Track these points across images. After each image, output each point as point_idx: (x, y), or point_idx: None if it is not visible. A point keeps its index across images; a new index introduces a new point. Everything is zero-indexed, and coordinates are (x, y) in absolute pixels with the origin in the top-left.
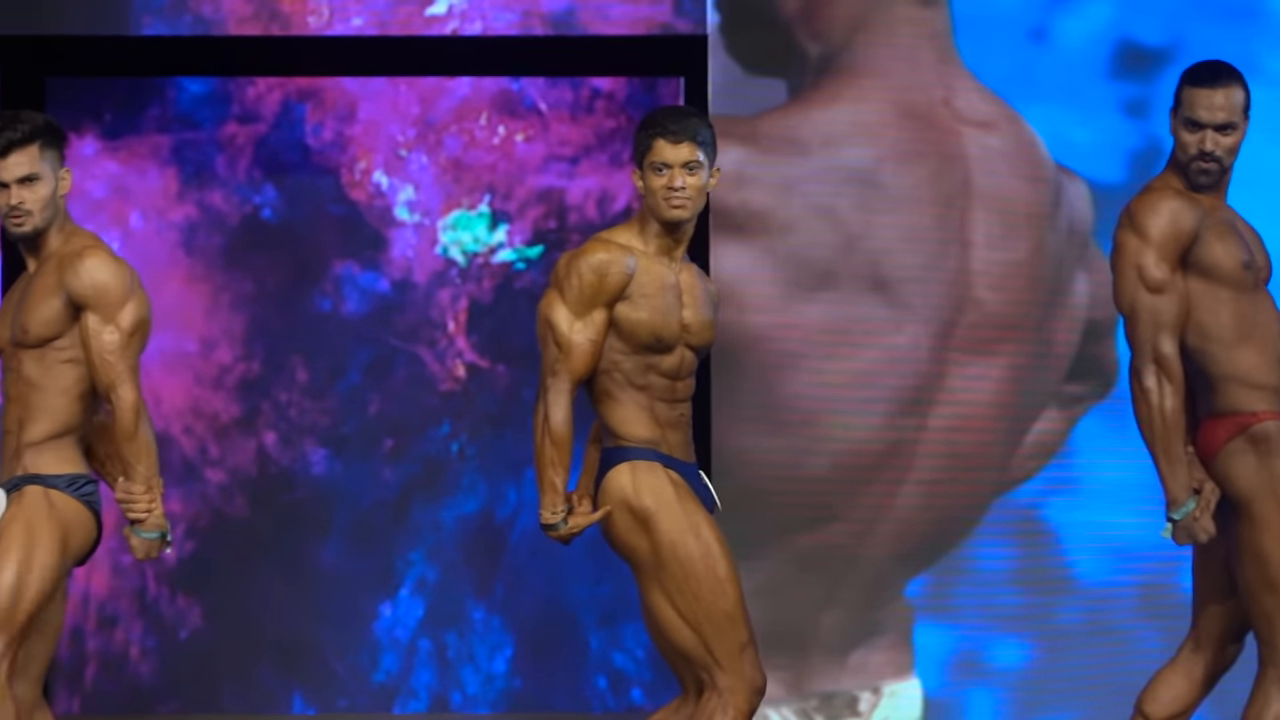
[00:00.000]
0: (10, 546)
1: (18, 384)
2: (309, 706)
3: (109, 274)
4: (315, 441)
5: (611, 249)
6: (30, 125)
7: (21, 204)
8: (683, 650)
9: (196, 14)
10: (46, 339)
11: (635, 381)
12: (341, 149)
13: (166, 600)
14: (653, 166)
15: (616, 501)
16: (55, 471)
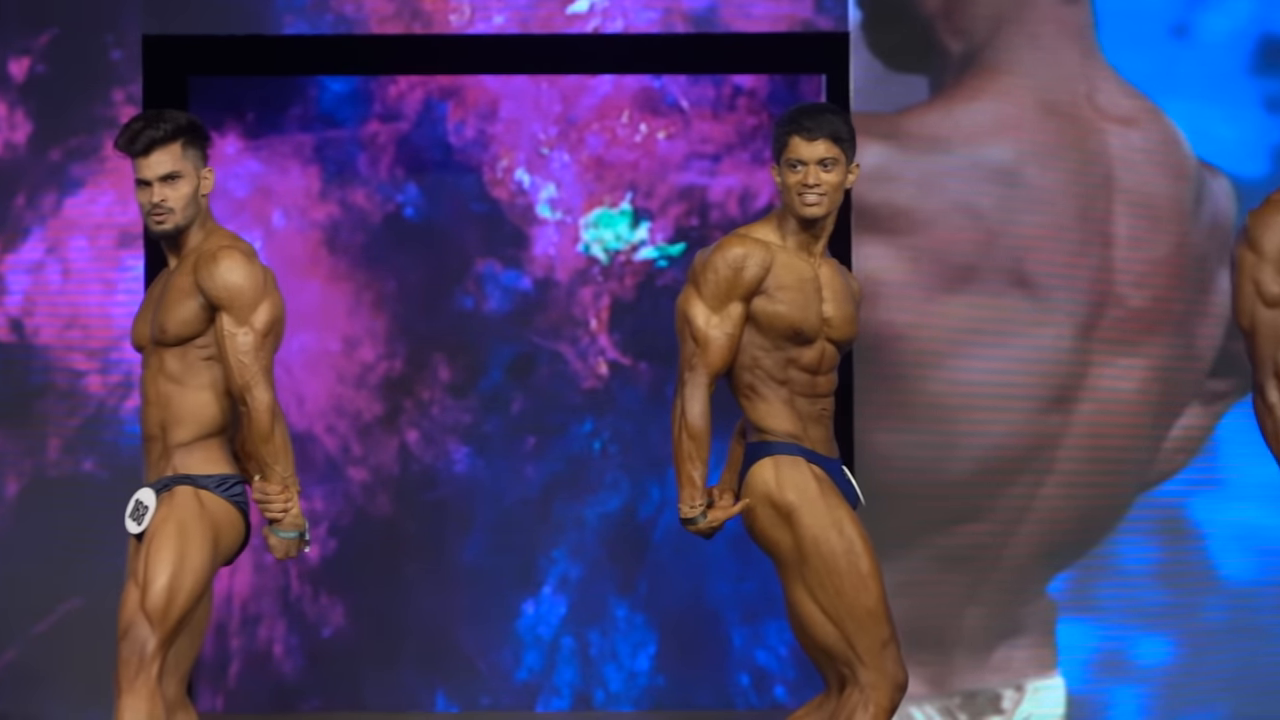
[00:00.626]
0: (164, 547)
1: (158, 383)
2: (451, 704)
3: (242, 275)
4: (457, 440)
5: (747, 243)
6: (173, 124)
7: (164, 202)
8: (824, 646)
9: (338, 13)
10: (185, 338)
11: (776, 376)
12: (483, 147)
13: (309, 599)
14: (788, 163)
15: (759, 496)
16: (205, 472)
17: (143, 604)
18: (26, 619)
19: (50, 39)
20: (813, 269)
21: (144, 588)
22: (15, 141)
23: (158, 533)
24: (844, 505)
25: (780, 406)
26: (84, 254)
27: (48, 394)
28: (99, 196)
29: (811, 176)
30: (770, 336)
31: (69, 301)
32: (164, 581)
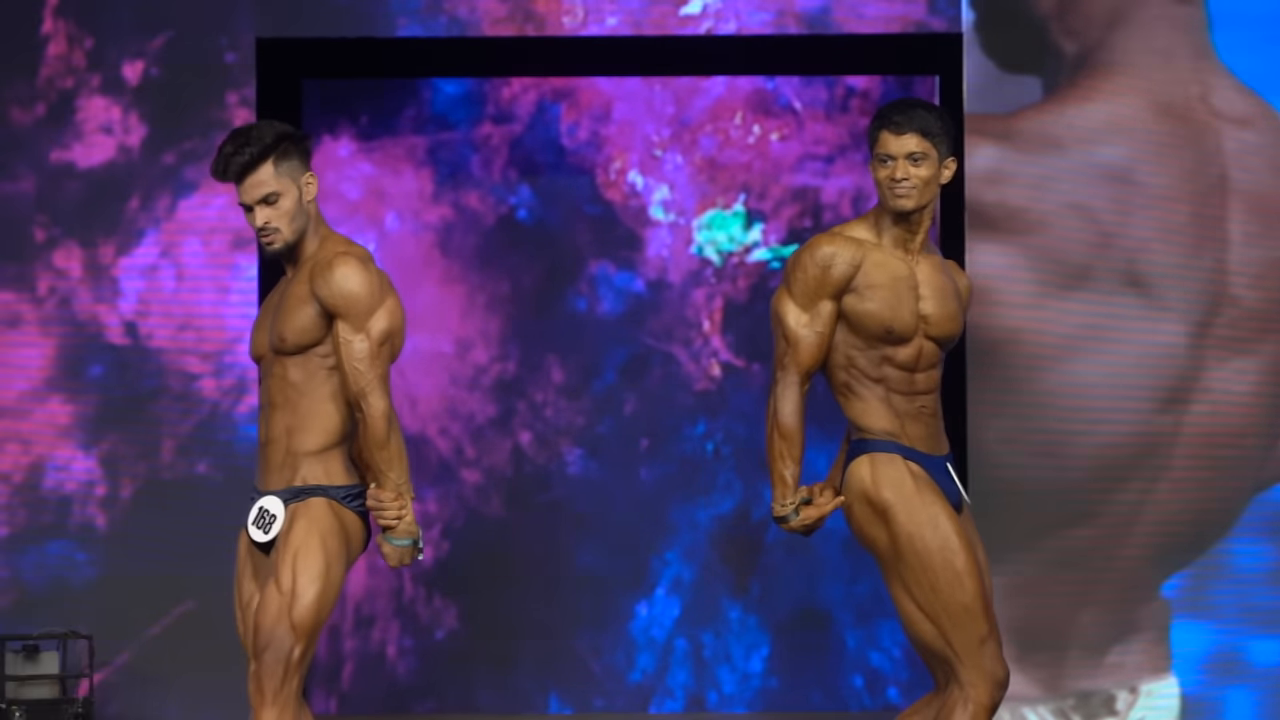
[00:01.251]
0: (311, 559)
1: (282, 390)
2: (565, 706)
3: (358, 283)
4: (571, 441)
5: (837, 241)
6: (259, 145)
7: (268, 223)
8: (924, 643)
9: (452, 15)
10: (304, 346)
11: (871, 374)
12: (596, 149)
13: (423, 600)
14: (878, 158)
15: (856, 493)
16: (334, 483)
17: (290, 615)
18: (140, 621)
19: (165, 42)
20: (908, 266)
21: (292, 599)
22: (129, 145)
23: (303, 544)
24: (940, 502)
25: (877, 404)
26: (197, 257)
27: (161, 396)
28: (212, 199)
29: (900, 171)
30: (863, 335)
31: (182, 304)
32: (314, 595)
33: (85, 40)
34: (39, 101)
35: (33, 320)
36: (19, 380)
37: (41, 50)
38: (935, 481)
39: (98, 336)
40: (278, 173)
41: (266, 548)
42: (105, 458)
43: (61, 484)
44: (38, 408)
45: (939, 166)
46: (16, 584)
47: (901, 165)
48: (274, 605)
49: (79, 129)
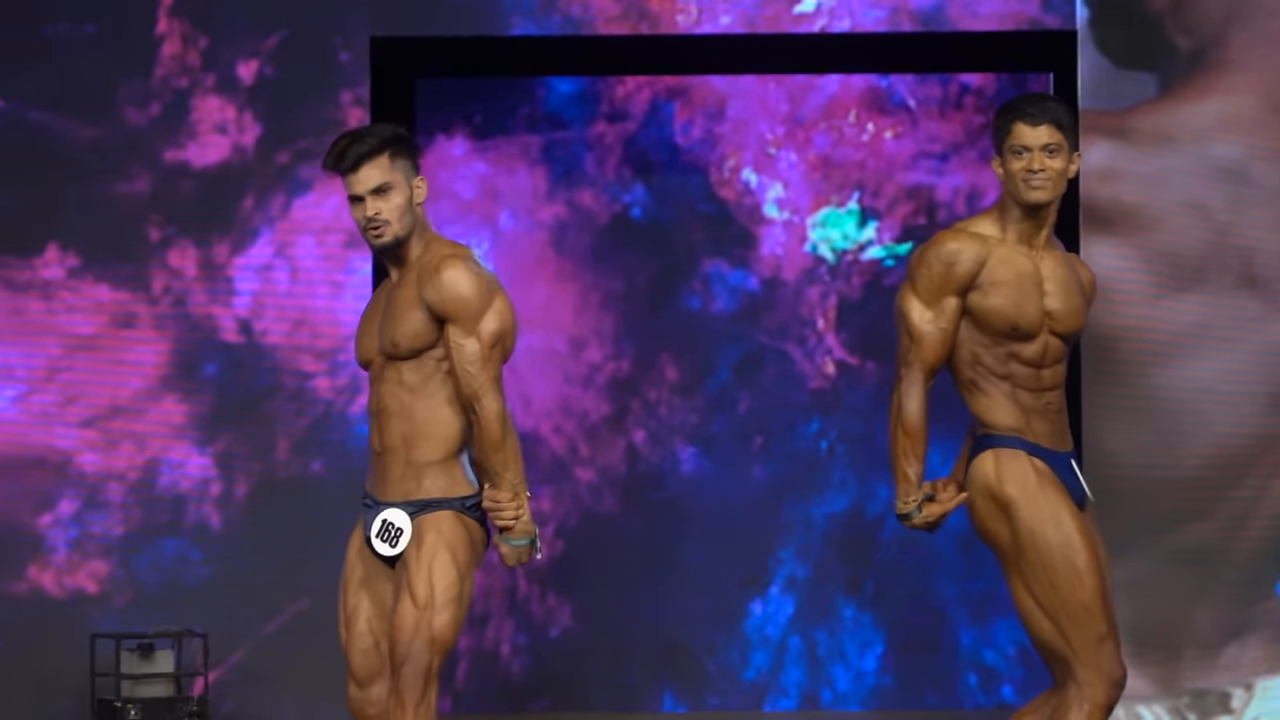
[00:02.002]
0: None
1: (397, 395)
2: (679, 704)
3: (467, 285)
4: (684, 439)
5: (961, 237)
6: (378, 137)
7: (378, 215)
8: (1042, 641)
9: (565, 14)
10: (418, 350)
11: (997, 371)
12: (710, 147)
13: (537, 599)
14: (1012, 150)
15: (979, 489)
16: (457, 494)
17: (431, 629)
18: (255, 620)
19: (279, 41)
20: (1033, 262)
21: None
22: (244, 144)
23: (436, 558)
24: (1064, 499)
25: (1003, 401)
26: (312, 255)
27: (276, 395)
28: (327, 198)
29: (1036, 162)
30: (988, 332)
31: (297, 303)
32: (452, 611)
33: (200, 40)
34: (154, 101)
35: (148, 319)
36: (134, 379)
37: (156, 50)
38: (1059, 478)
39: (212, 335)
40: (393, 167)
41: (390, 560)
42: (220, 456)
43: (176, 483)
44: (153, 407)
45: (1069, 160)
46: (132, 583)
47: (1037, 157)
48: (411, 619)
49: (193, 128)
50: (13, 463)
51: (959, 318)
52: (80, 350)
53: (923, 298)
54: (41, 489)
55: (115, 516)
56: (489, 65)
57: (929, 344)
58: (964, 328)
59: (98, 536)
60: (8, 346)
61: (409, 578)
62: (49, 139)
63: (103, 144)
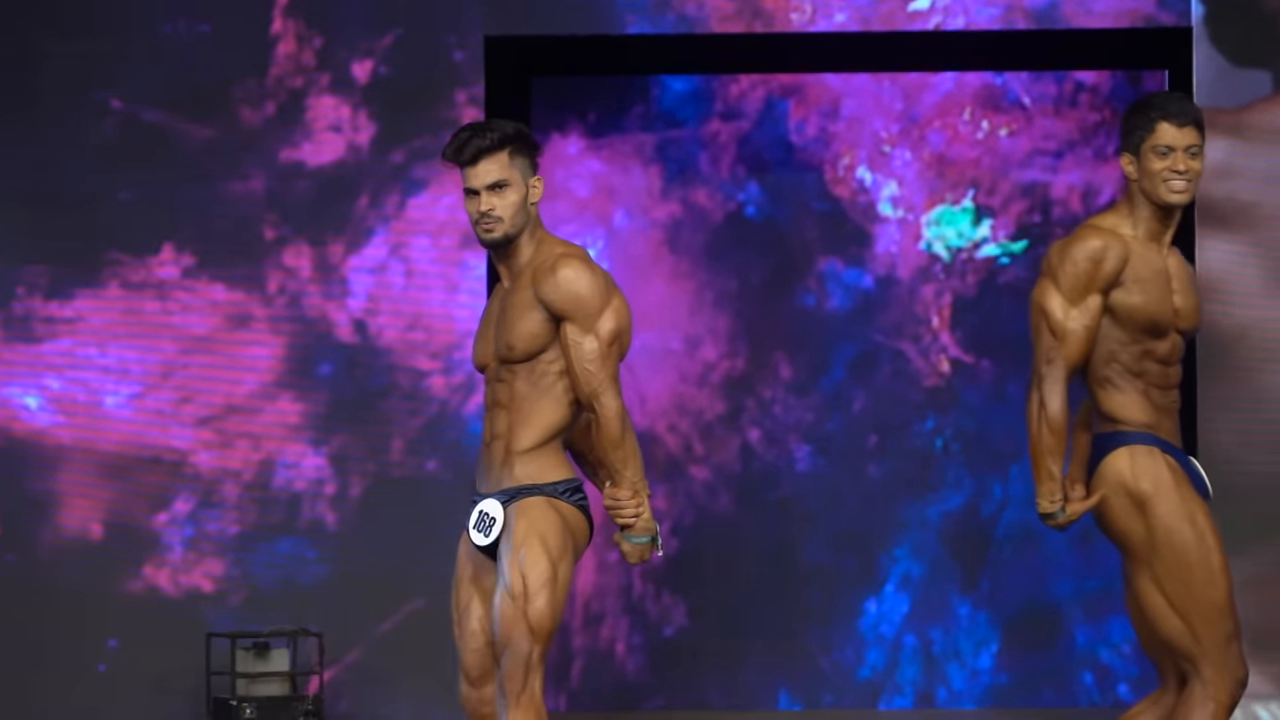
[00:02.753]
0: (538, 561)
1: (508, 395)
2: (794, 702)
3: (585, 284)
4: (799, 438)
5: (1105, 235)
6: (499, 133)
7: (491, 210)
8: (1168, 639)
9: (680, 12)
10: (533, 353)
11: (1132, 369)
12: (825, 145)
13: (652, 597)
14: (1155, 150)
15: (1114, 485)
16: (550, 479)
17: (526, 618)
18: (370, 619)
19: (393, 40)
20: (1162, 260)
21: (525, 601)
22: (359, 143)
23: (526, 546)
24: (1197, 497)
25: (1137, 398)
26: (427, 254)
27: (391, 394)
28: (442, 197)
29: (1180, 163)
30: (1128, 329)
31: (412, 302)
32: (546, 597)
33: (314, 39)
34: (269, 101)
35: (263, 319)
36: (249, 379)
37: (271, 50)
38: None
39: (327, 335)
40: (511, 164)
41: (489, 551)
42: (335, 455)
43: (291, 482)
44: (268, 406)
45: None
46: (247, 582)
47: (1180, 158)
48: (508, 609)
49: (308, 128)
50: (128, 462)
51: (1101, 315)
52: (195, 350)
53: (1066, 295)
54: (157, 488)
55: (230, 515)
56: (604, 64)
57: (1073, 342)
58: (1102, 325)
59: (213, 535)
60: (124, 346)
61: (503, 568)
62: (165, 139)
63: (218, 143)
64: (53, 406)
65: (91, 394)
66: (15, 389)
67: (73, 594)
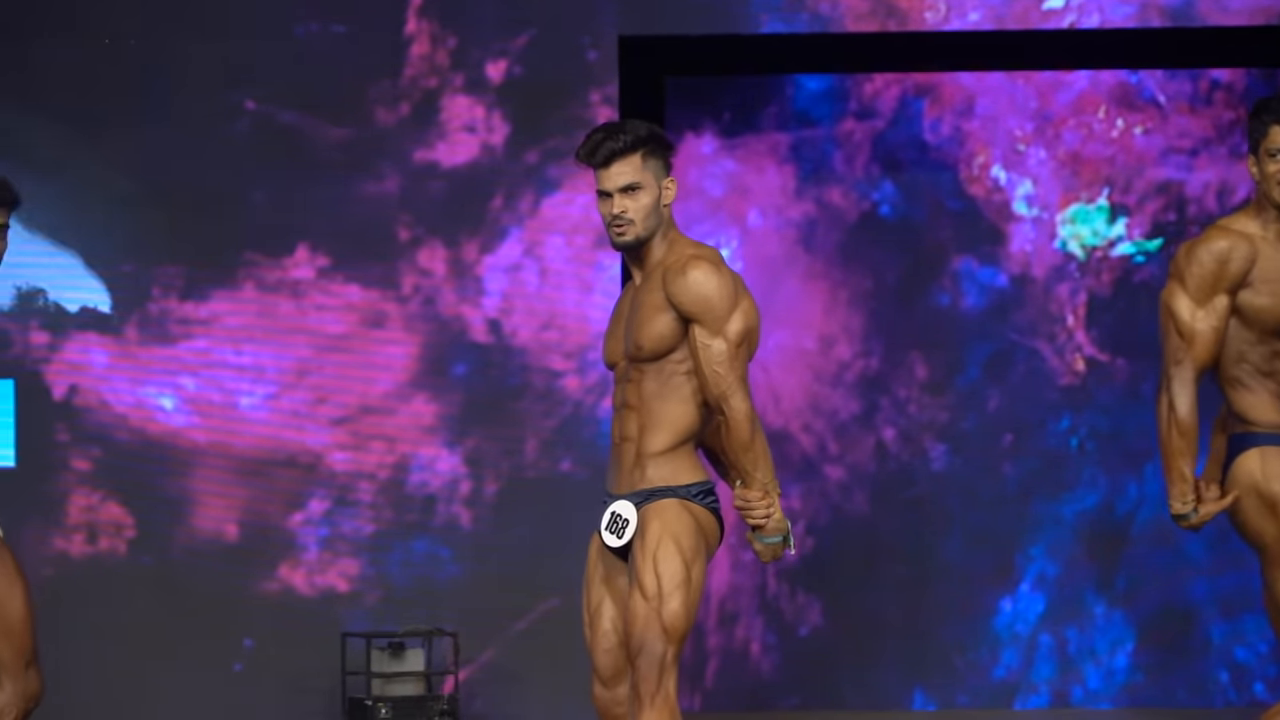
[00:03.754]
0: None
1: (638, 394)
2: (929, 702)
3: (713, 286)
4: (934, 437)
5: (1231, 236)
6: (633, 135)
7: (623, 213)
8: None
9: (814, 12)
10: (661, 353)
11: (1262, 369)
12: (959, 144)
13: (786, 597)
14: (1268, 152)
15: (1245, 486)
16: (683, 481)
17: (660, 619)
18: (505, 618)
19: (527, 40)
20: None
21: (659, 603)
22: (493, 143)
23: (660, 547)
24: None
25: (1267, 398)
26: (560, 254)
27: (525, 394)
28: (576, 197)
29: None
30: (1255, 330)
31: (546, 302)
32: (680, 598)
33: (448, 40)
34: (403, 101)
35: (397, 319)
36: (384, 379)
37: (405, 50)
38: None
39: (461, 335)
40: (643, 166)
41: (620, 552)
42: (469, 456)
43: (426, 482)
44: (402, 406)
45: None
46: (382, 582)
47: None
48: (641, 610)
49: (443, 128)
50: (264, 462)
51: (1229, 315)
52: (330, 350)
53: (1193, 295)
54: (292, 488)
55: (365, 515)
56: (738, 63)
57: (1201, 342)
58: (1231, 325)
59: (348, 535)
60: (259, 347)
61: (636, 569)
62: (299, 139)
63: (353, 144)
64: (188, 407)
65: (226, 394)
66: (151, 390)
67: (208, 594)
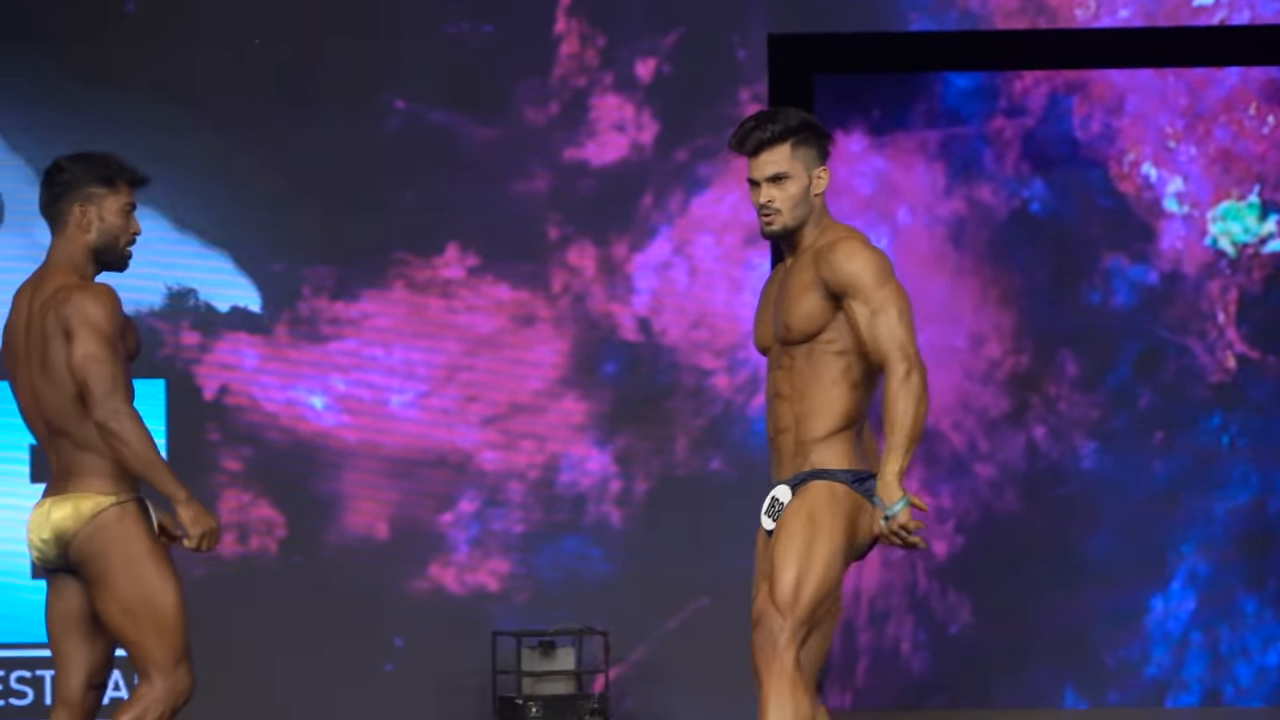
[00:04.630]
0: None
1: (790, 380)
2: (1080, 700)
3: (863, 259)
4: (1085, 435)
5: None
6: (782, 125)
7: (770, 202)
8: None
9: (963, 9)
10: (811, 334)
11: None
12: (1109, 141)
13: (937, 595)
14: None
15: None
16: (839, 466)
17: (774, 595)
18: (655, 617)
19: (677, 39)
20: None
21: (772, 580)
22: (642, 142)
23: (786, 524)
24: None
25: None
26: (710, 253)
27: (675, 393)
28: (725, 195)
29: None
30: None
31: (695, 300)
32: (791, 574)
33: (597, 39)
34: (552, 100)
35: (547, 318)
36: (534, 377)
37: (554, 49)
38: None
39: (612, 334)
40: (793, 156)
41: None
42: (620, 454)
43: (576, 481)
44: (553, 405)
45: None
46: (533, 581)
47: None
48: (763, 588)
49: (592, 127)
50: (414, 462)
51: None
52: (480, 349)
53: None
54: (443, 488)
55: (516, 514)
56: (887, 61)
57: None
58: None
59: (498, 534)
60: (409, 346)
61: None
62: (448, 139)
63: (502, 143)
64: (338, 406)
65: (377, 394)
66: (301, 389)
67: (359, 594)
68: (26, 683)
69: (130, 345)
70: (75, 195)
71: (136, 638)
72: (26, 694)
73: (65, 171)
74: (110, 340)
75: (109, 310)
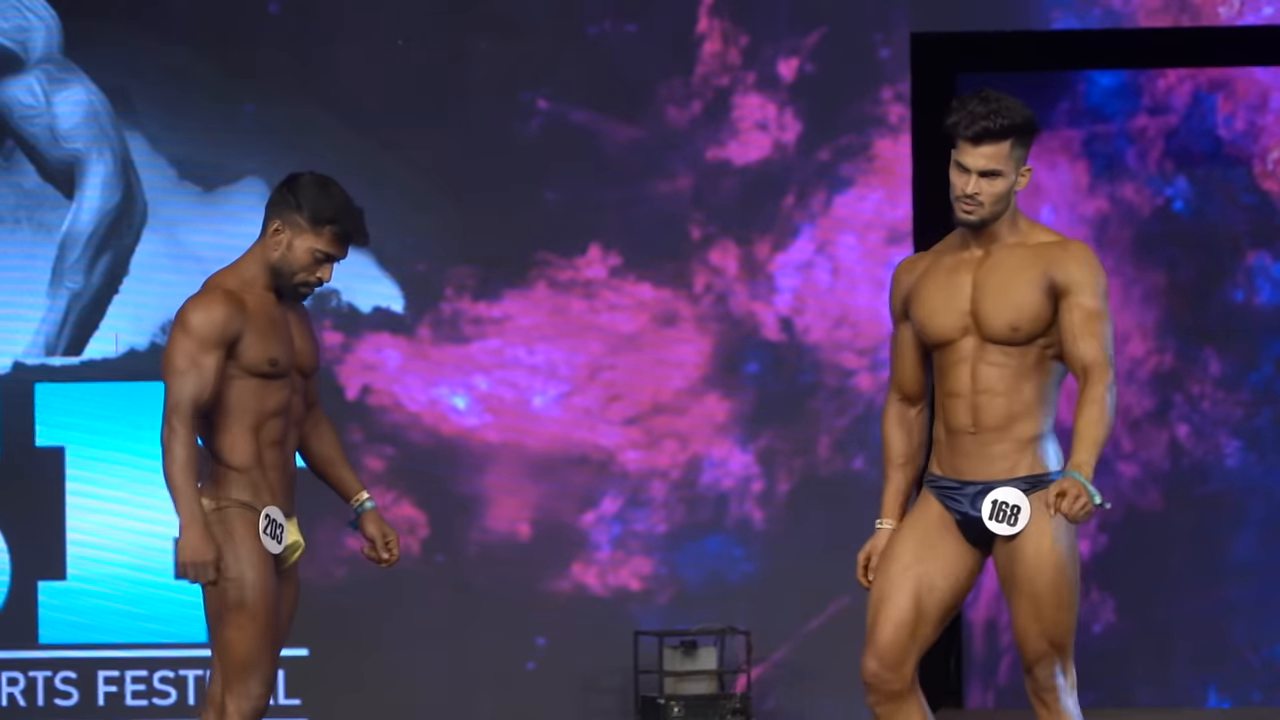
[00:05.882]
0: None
1: (1001, 376)
2: (1223, 699)
3: (1095, 267)
4: (1229, 433)
5: None
6: (1010, 120)
7: (977, 194)
8: None
9: (1106, 7)
10: (1037, 334)
11: None
12: (1253, 139)
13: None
14: None
15: None
16: (1057, 467)
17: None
18: (797, 617)
19: (819, 38)
20: None
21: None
22: (784, 141)
23: (1054, 558)
24: None
25: None
26: (853, 252)
27: (818, 392)
28: (868, 194)
29: None
30: None
31: (838, 300)
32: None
33: (740, 38)
34: (695, 100)
35: (689, 317)
36: (676, 377)
37: (697, 49)
38: None
39: (754, 333)
40: (1010, 154)
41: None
42: (762, 454)
43: (719, 480)
44: (695, 404)
45: None
46: (675, 580)
47: None
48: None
49: (735, 126)
50: (556, 461)
51: None
52: (622, 349)
53: None
54: (585, 487)
55: (658, 514)
56: (1030, 60)
57: None
58: None
59: (641, 534)
60: (551, 345)
61: (1028, 564)
62: (591, 139)
63: (644, 143)
64: (481, 406)
65: (519, 394)
66: (444, 389)
67: (501, 593)
68: (170, 683)
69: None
70: (280, 213)
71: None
72: (170, 694)
73: (288, 186)
74: (194, 351)
75: (208, 320)
